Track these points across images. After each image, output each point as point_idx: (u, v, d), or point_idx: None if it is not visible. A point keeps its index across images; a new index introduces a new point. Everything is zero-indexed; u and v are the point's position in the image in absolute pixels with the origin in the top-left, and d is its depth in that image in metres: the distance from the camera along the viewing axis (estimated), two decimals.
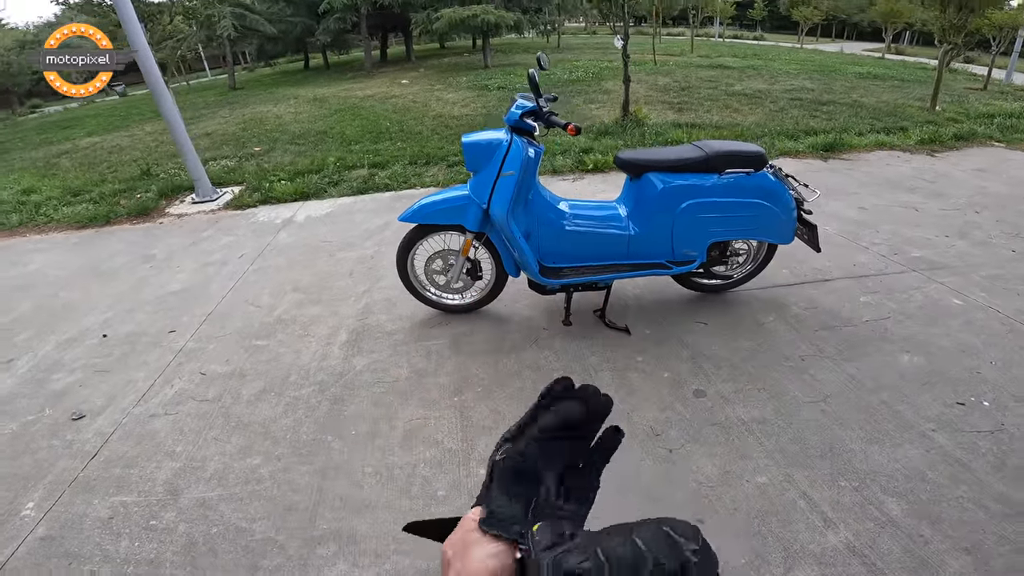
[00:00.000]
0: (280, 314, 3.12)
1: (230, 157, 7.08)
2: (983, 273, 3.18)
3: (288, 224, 4.59)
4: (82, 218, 5.16)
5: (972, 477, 1.81)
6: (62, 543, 1.80)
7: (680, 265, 2.57)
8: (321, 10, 16.05)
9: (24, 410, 2.49)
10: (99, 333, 3.09)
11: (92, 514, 1.89)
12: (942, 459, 1.89)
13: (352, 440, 2.14)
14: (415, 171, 5.70)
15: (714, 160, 2.43)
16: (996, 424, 2.03)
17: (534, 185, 2.50)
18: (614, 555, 0.32)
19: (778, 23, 39.06)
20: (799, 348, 2.52)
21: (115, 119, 12.95)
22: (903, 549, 1.58)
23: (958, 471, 1.84)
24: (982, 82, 10.69)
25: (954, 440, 1.97)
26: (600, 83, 10.59)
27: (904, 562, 1.55)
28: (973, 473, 1.83)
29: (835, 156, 5.74)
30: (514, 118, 2.34)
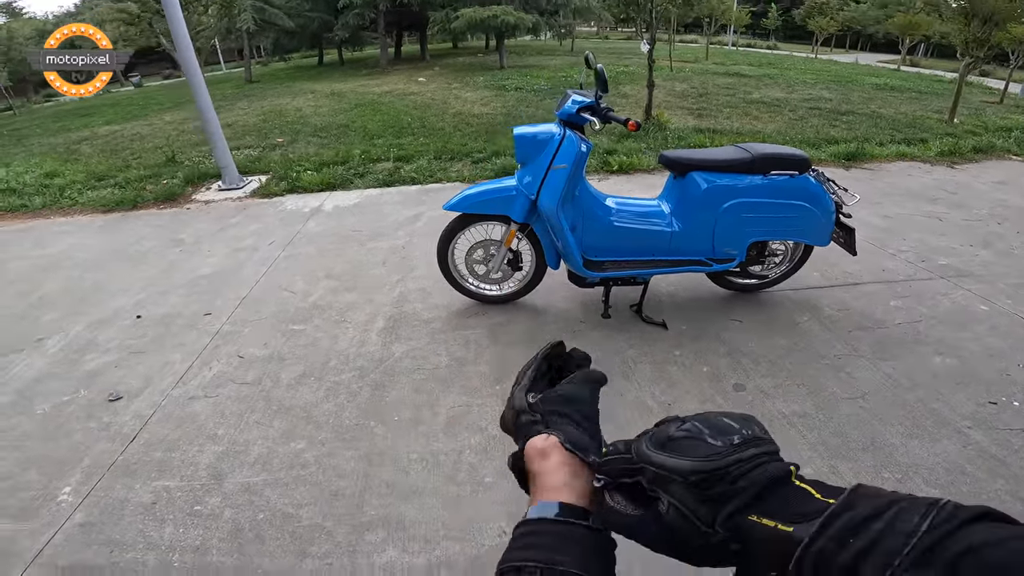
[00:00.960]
0: (315, 300, 3.16)
1: (253, 147, 7.15)
2: (1008, 281, 3.23)
3: (316, 213, 4.64)
4: (108, 202, 5.21)
5: (1008, 472, 1.86)
6: (102, 529, 1.75)
7: (720, 263, 2.62)
8: (340, 5, 16.14)
9: (57, 391, 2.45)
10: (132, 314, 3.09)
11: (134, 499, 1.85)
12: (979, 454, 1.93)
13: (395, 426, 2.14)
14: (440, 166, 5.75)
15: (759, 162, 2.48)
16: None
17: (582, 179, 2.54)
18: (706, 422, 0.38)
19: (792, 32, 39.11)
20: (834, 347, 2.56)
21: (133, 108, 13.04)
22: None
23: (995, 466, 1.88)
24: (998, 95, 10.71)
25: (989, 437, 2.01)
26: (617, 87, 10.63)
27: None
28: (1009, 468, 1.87)
29: (857, 165, 5.77)
30: (570, 112, 2.38)
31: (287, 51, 22.32)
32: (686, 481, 0.35)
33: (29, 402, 2.41)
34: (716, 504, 0.35)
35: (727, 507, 0.34)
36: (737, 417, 0.39)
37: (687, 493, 0.35)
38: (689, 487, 0.35)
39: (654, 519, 0.38)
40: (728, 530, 0.34)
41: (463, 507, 1.78)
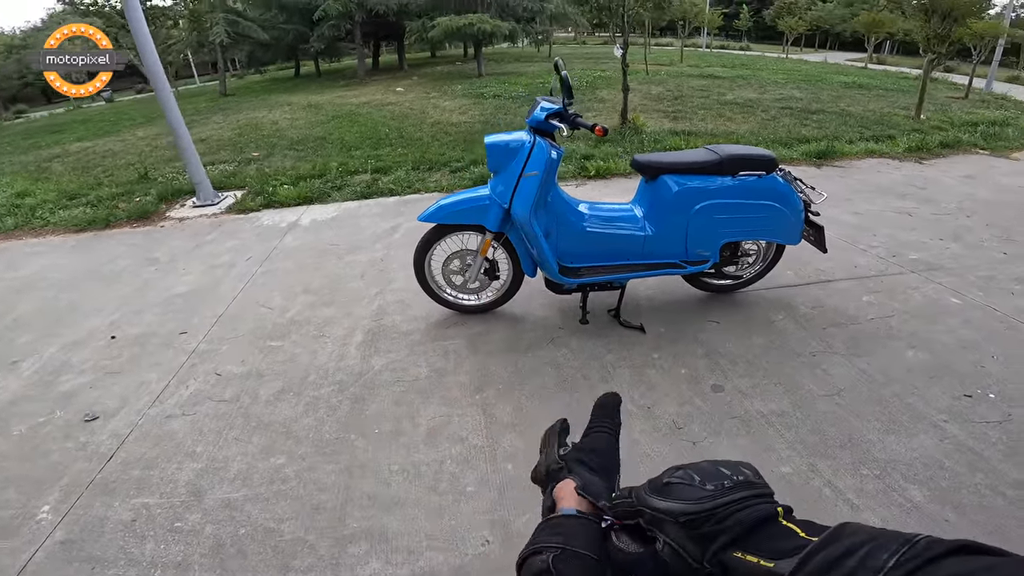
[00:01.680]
0: (293, 315, 3.13)
1: (228, 162, 7.06)
2: (978, 274, 3.31)
3: (294, 228, 4.60)
4: (80, 221, 5.10)
5: (987, 465, 1.88)
6: (83, 547, 1.75)
7: (694, 265, 2.64)
8: (315, 17, 16.06)
9: (33, 412, 2.43)
10: (106, 335, 3.04)
11: (113, 517, 1.85)
12: (956, 448, 1.96)
13: (376, 438, 2.14)
14: (418, 176, 5.74)
15: (727, 163, 2.52)
16: (1003, 415, 2.12)
17: (554, 186, 2.55)
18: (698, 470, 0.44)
19: (763, 33, 39.85)
20: (809, 345, 2.60)
21: (104, 124, 12.82)
22: (930, 532, 1.63)
23: (973, 459, 1.91)
24: (963, 91, 11.02)
25: (965, 430, 2.05)
26: (594, 92, 10.73)
27: None
28: (987, 461, 1.90)
29: (828, 163, 5.89)
30: (539, 119, 2.40)
31: (262, 63, 22.15)
32: (677, 521, 0.40)
33: (5, 423, 2.39)
34: (705, 542, 0.39)
35: (714, 544, 0.39)
36: (730, 464, 0.45)
37: (679, 532, 0.40)
38: (680, 527, 0.40)
39: (651, 556, 0.43)
40: (715, 565, 0.38)
41: (445, 517, 1.78)
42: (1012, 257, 3.55)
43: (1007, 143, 6.84)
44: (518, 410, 2.25)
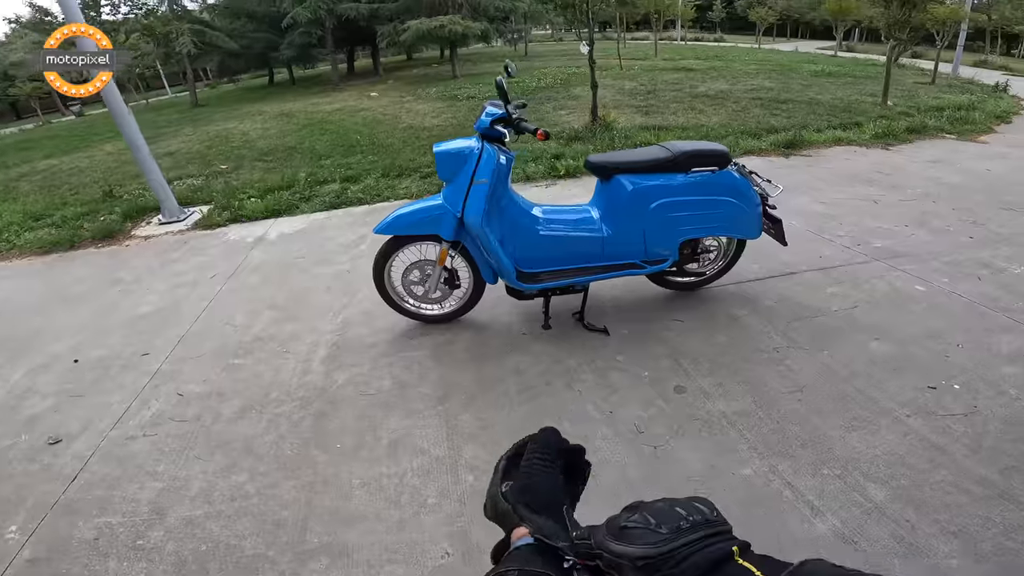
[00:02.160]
0: (257, 332, 3.07)
1: (196, 176, 6.94)
2: (944, 259, 3.33)
3: (260, 242, 4.52)
4: (45, 243, 4.97)
5: (950, 461, 1.86)
6: (50, 564, 1.78)
7: (654, 264, 2.63)
8: (284, 25, 15.90)
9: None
10: (70, 358, 3.01)
11: (78, 535, 1.87)
12: (919, 443, 1.94)
13: (338, 453, 2.13)
14: (388, 184, 5.67)
15: (680, 159, 2.50)
16: (968, 407, 2.11)
17: (507, 192, 2.52)
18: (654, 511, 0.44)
19: (736, 24, 40.23)
20: (773, 340, 2.60)
21: (74, 140, 12.57)
22: (891, 535, 1.62)
23: (936, 455, 1.89)
24: (930, 76, 11.18)
25: (929, 424, 2.03)
26: (569, 89, 10.73)
27: (894, 548, 1.58)
28: (951, 457, 1.88)
29: (796, 152, 5.93)
30: (484, 125, 2.37)
31: (234, 73, 21.93)
32: (634, 566, 0.41)
33: None
34: None
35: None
36: (685, 503, 0.45)
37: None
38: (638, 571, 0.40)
39: None
40: None
41: (406, 530, 1.77)
42: (978, 241, 3.58)
43: (973, 127, 6.95)
44: (480, 420, 2.22)
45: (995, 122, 7.36)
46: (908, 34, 7.76)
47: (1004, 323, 2.64)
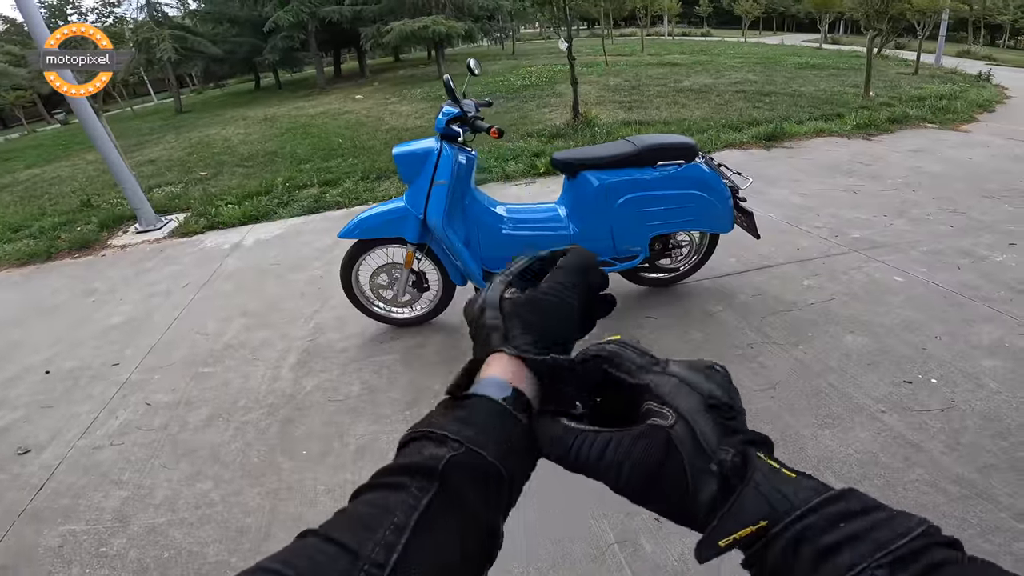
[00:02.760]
0: (228, 340, 3.03)
1: (175, 183, 6.87)
2: (922, 249, 3.30)
3: (236, 249, 4.46)
4: (23, 255, 4.93)
5: (926, 459, 1.80)
6: (15, 572, 1.80)
7: (624, 261, 2.59)
8: (267, 29, 15.80)
9: None
10: (42, 370, 3.00)
11: (43, 543, 1.88)
12: (894, 441, 1.88)
13: (303, 460, 2.11)
14: (367, 186, 5.62)
15: (645, 154, 2.46)
16: (946, 402, 2.05)
17: (469, 191, 2.48)
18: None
19: (723, 19, 40.35)
20: (747, 336, 2.56)
21: (56, 149, 12.48)
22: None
23: (911, 453, 1.83)
24: (913, 67, 11.21)
25: (904, 420, 1.97)
26: (553, 87, 10.69)
27: None
28: (927, 454, 1.82)
29: (777, 144, 5.92)
30: (441, 125, 2.33)
31: (219, 78, 21.81)
32: (705, 401, 0.33)
33: None
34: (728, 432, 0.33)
35: (738, 436, 0.33)
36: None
37: (701, 414, 0.33)
38: (708, 409, 0.33)
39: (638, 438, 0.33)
40: (736, 457, 0.31)
41: None
42: (958, 230, 3.55)
43: (955, 116, 6.95)
44: None
45: (977, 111, 7.37)
46: (888, 25, 7.76)
47: (984, 313, 2.60)
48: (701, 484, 0.31)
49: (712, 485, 0.31)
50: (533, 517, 1.73)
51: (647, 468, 0.32)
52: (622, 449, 0.33)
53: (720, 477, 0.31)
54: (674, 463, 0.31)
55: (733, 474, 0.31)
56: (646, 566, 1.56)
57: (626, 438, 0.33)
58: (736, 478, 0.31)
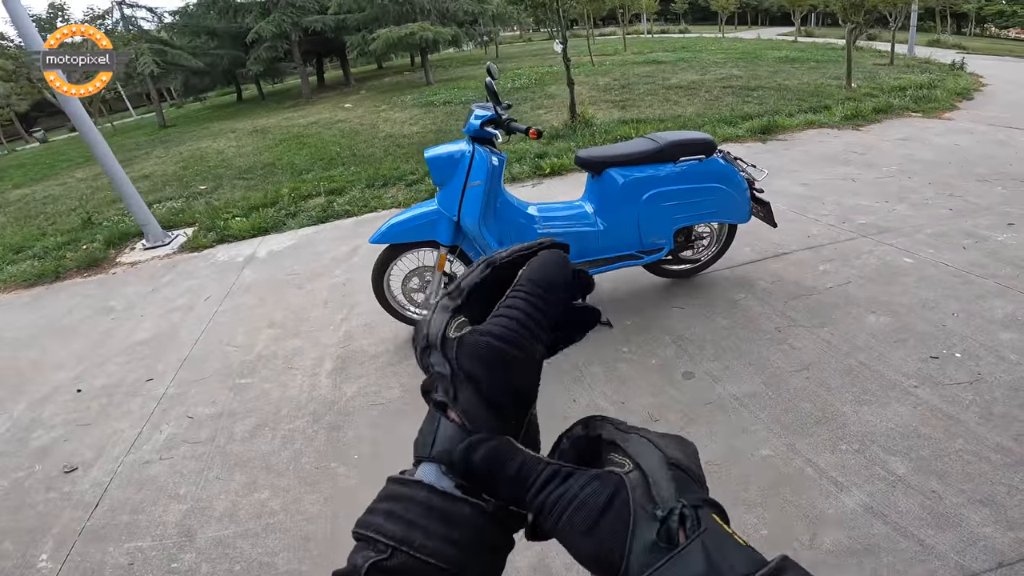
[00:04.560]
0: (260, 351, 3.05)
1: (175, 198, 6.83)
2: (927, 232, 3.44)
3: (251, 261, 4.47)
4: (29, 276, 4.88)
5: (964, 430, 1.89)
6: None
7: (650, 253, 2.68)
8: (248, 40, 15.71)
9: (12, 468, 2.42)
10: (72, 388, 2.98)
11: (110, 561, 1.87)
12: (931, 414, 1.96)
13: (356, 464, 2.14)
14: (374, 194, 5.65)
15: (668, 150, 2.56)
16: (973, 375, 2.15)
17: (501, 192, 2.55)
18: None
19: (699, 15, 40.89)
20: (773, 320, 2.66)
21: (41, 168, 12.28)
22: (920, 506, 1.63)
23: (950, 424, 1.92)
24: (888, 57, 11.50)
25: (938, 394, 2.06)
26: (544, 88, 10.80)
27: (924, 519, 1.59)
28: (964, 425, 1.91)
29: (772, 137, 6.07)
30: (474, 128, 2.39)
31: (200, 91, 21.54)
32: (667, 460, 0.30)
33: None
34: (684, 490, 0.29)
35: (695, 495, 0.30)
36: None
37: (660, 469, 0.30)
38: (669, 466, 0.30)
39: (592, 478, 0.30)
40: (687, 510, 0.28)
41: None
42: (957, 212, 3.70)
43: (936, 104, 7.17)
44: None
45: (957, 99, 7.61)
46: (864, 16, 7.98)
47: (994, 289, 2.72)
48: (641, 531, 0.27)
49: (651, 534, 0.27)
50: None
51: (592, 508, 0.29)
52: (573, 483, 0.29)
53: (664, 528, 0.27)
54: (620, 503, 0.28)
55: (681, 526, 0.27)
56: None
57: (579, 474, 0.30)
58: (682, 534, 0.27)
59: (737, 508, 1.72)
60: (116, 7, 16.17)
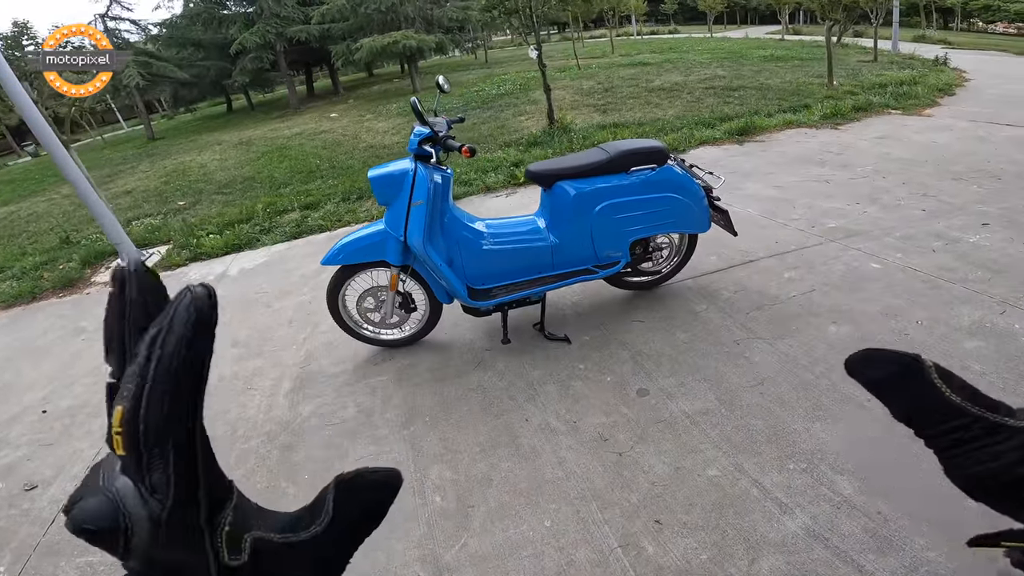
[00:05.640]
0: (221, 372, 3.01)
1: (154, 215, 6.81)
2: (896, 235, 3.39)
3: (222, 279, 4.44)
4: (7, 297, 4.85)
5: (918, 447, 1.83)
6: None
7: (606, 267, 2.64)
8: (233, 51, 15.71)
9: None
10: (39, 409, 3.00)
11: (61, 575, 1.92)
12: (884, 430, 1.88)
13: (306, 484, 2.14)
14: (348, 208, 5.61)
15: (618, 160, 2.52)
16: None
17: (448, 210, 2.51)
18: None
19: (689, 15, 40.97)
20: (733, 333, 2.62)
21: (30, 183, 12.29)
22: (863, 529, 1.59)
23: (903, 441, 1.83)
24: (872, 54, 11.49)
25: None
26: (528, 94, 10.78)
27: (867, 543, 1.55)
28: (917, 442, 1.87)
29: (749, 139, 6.04)
30: (413, 146, 2.37)
31: (189, 102, 21.57)
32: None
33: None
34: None
35: None
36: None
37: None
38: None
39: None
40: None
41: (377, 554, 1.76)
42: (930, 214, 3.65)
43: (917, 101, 7.14)
44: (444, 441, 2.21)
45: (938, 95, 7.58)
46: (843, 14, 7.97)
47: (961, 294, 2.66)
48: None
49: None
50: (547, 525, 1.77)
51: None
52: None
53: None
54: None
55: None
56: (649, 568, 1.59)
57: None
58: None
59: (678, 532, 1.68)
60: (99, 20, 16.17)
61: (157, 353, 0.23)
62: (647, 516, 1.76)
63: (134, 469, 0.24)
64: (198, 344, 0.24)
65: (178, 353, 0.23)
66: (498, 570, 1.67)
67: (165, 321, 0.24)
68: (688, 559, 1.60)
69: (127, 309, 0.26)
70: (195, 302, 0.24)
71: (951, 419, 0.27)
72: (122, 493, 0.24)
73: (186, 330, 0.23)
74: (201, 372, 0.24)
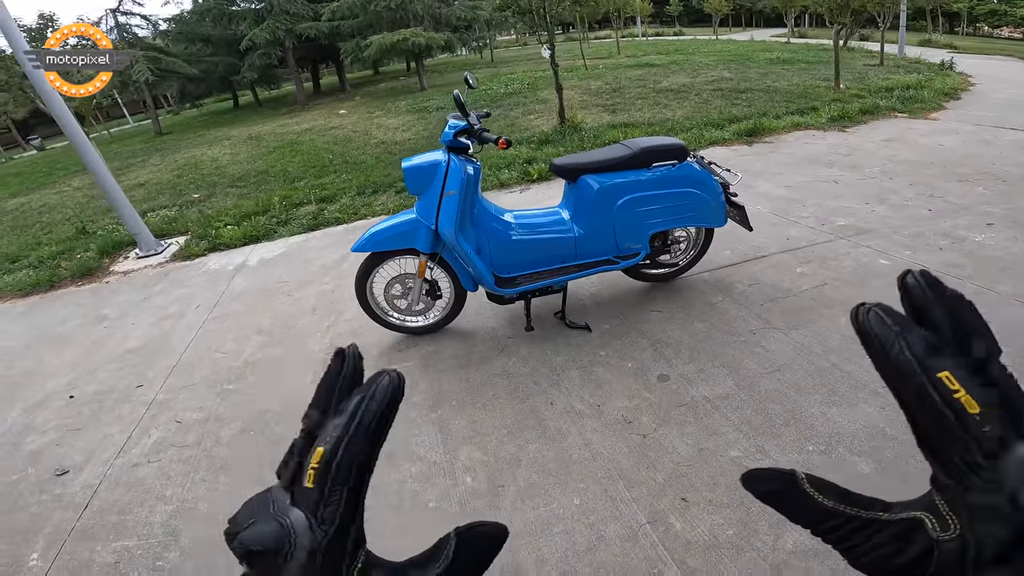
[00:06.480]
0: (247, 358, 3.10)
1: (169, 207, 6.89)
2: (904, 233, 3.48)
3: (241, 269, 4.52)
4: (24, 285, 4.94)
5: None
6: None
7: (627, 259, 2.73)
8: (243, 47, 15.79)
9: (5, 471, 2.49)
10: (64, 396, 3.04)
11: (98, 560, 1.94)
12: (898, 415, 1.98)
13: None
14: (364, 201, 5.71)
15: (641, 156, 2.62)
16: None
17: (478, 200, 2.61)
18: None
19: (694, 17, 41.05)
20: (749, 323, 2.71)
21: (38, 176, 12.35)
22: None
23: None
24: (878, 58, 11.57)
25: None
26: (536, 93, 10.86)
27: None
28: None
29: (758, 140, 6.13)
30: (448, 138, 2.45)
31: (196, 98, 21.62)
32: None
33: None
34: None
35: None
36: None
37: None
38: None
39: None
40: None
41: (409, 533, 1.82)
42: (937, 213, 3.74)
43: (923, 105, 7.23)
44: (472, 424, 2.29)
45: (944, 99, 7.67)
46: (851, 18, 8.06)
47: (969, 289, 2.74)
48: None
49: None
50: (577, 503, 1.85)
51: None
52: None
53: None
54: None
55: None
56: (678, 543, 1.67)
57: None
58: None
59: (704, 509, 1.76)
60: (110, 15, 16.26)
61: (360, 414, 0.30)
62: (673, 494, 1.84)
63: (313, 501, 0.28)
64: (388, 416, 0.31)
65: (375, 419, 0.30)
66: (530, 546, 1.74)
67: (368, 392, 0.31)
68: (715, 534, 1.68)
69: (340, 380, 0.33)
70: (392, 383, 0.31)
71: (828, 520, 0.31)
72: (295, 522, 0.28)
73: (383, 404, 0.30)
74: (382, 436, 0.31)
